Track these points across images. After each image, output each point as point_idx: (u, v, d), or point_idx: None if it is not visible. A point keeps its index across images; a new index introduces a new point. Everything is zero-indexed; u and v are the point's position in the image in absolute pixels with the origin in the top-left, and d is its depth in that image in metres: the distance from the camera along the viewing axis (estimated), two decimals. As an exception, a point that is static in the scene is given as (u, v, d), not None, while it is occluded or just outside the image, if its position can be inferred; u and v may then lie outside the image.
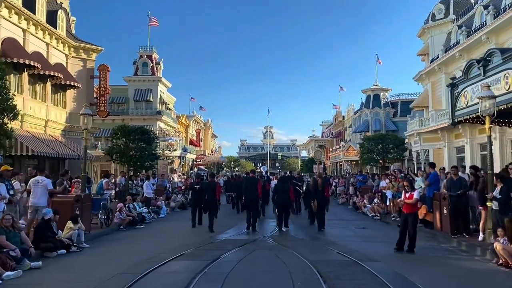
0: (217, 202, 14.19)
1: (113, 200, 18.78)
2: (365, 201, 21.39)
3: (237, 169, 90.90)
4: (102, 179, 17.28)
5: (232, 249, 10.24)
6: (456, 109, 14.28)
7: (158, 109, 41.68)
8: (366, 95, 44.46)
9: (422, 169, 27.21)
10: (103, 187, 16.54)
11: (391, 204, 17.16)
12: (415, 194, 10.33)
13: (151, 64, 42.75)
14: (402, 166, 28.63)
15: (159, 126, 41.28)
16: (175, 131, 43.35)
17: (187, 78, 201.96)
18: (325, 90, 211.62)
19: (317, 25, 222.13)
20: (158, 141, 25.06)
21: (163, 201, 21.04)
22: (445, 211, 12.47)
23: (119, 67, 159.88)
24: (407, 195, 10.36)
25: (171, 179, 26.83)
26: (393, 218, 16.78)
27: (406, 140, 26.16)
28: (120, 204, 15.71)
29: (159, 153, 23.28)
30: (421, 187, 16.09)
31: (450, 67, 24.85)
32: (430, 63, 27.35)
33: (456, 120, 14.29)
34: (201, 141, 65.25)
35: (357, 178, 23.13)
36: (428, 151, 26.84)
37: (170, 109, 46.50)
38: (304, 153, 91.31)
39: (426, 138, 26.54)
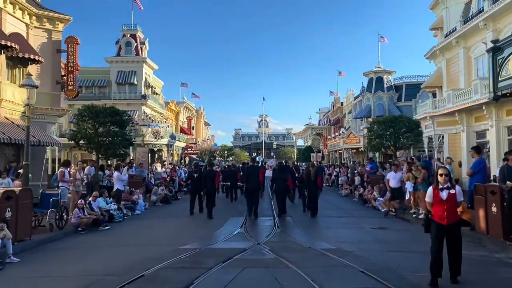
0: (215, 191, 14.65)
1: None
2: (375, 193, 18.54)
3: (231, 158, 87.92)
4: (61, 168, 14.18)
5: (213, 267, 7.27)
6: (500, 79, 11.25)
7: (143, 93, 38.31)
8: (368, 78, 41.41)
9: (436, 157, 24.55)
10: (58, 178, 13.52)
11: (412, 198, 14.21)
12: (458, 193, 6.44)
13: (135, 44, 39.15)
14: (408, 154, 25.78)
15: (144, 111, 37.94)
16: (163, 117, 40.03)
17: (180, 67, 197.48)
18: (322, 77, 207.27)
19: (313, 7, 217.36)
20: (136, 125, 22.04)
21: (141, 195, 18.01)
22: (493, 209, 9.55)
23: (101, 48, 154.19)
24: (443, 194, 6.35)
25: (154, 169, 23.80)
26: (414, 215, 13.90)
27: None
28: (80, 201, 12.68)
29: (135, 138, 20.10)
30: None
31: (471, 39, 21.82)
32: (445, 37, 24.31)
33: (500, 93, 11.25)
34: (193, 129, 62.02)
35: (368, 167, 20.16)
36: (443, 137, 23.93)
37: (157, 94, 43.12)
38: (300, 142, 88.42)
39: (441, 122, 23.61)
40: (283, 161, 30.80)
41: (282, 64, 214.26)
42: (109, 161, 20.11)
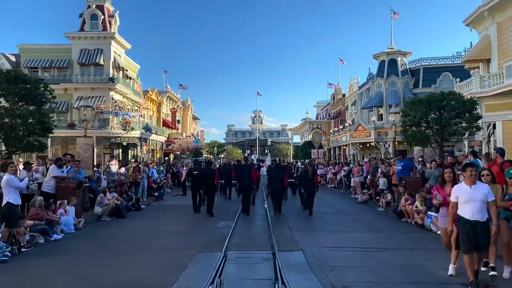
0: (215, 188, 15.16)
1: None
2: (417, 204, 12.65)
3: (222, 155, 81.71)
4: None
5: None
6: None
7: (111, 75, 31.94)
8: (378, 62, 35.44)
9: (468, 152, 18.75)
10: None
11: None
12: None
13: (102, 17, 32.65)
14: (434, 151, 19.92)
15: (112, 97, 31.56)
16: (134, 105, 33.48)
17: (171, 65, 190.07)
18: (320, 69, 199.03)
19: None
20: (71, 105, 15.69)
21: (72, 208, 11.87)
22: None
23: (65, 24, 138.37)
24: None
25: (107, 169, 17.66)
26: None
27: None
28: None
29: (55, 122, 13.86)
30: None
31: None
32: (495, -6, 18.45)
33: None
34: (178, 123, 55.69)
35: (399, 165, 14.22)
36: (495, 125, 18.11)
37: (131, 78, 36.72)
38: (296, 138, 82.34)
39: (492, 105, 17.85)
40: (277, 159, 26.98)
41: (276, 59, 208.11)
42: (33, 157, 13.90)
